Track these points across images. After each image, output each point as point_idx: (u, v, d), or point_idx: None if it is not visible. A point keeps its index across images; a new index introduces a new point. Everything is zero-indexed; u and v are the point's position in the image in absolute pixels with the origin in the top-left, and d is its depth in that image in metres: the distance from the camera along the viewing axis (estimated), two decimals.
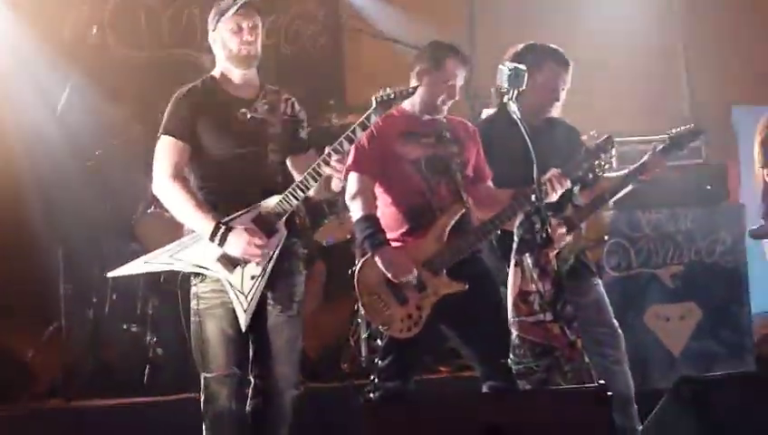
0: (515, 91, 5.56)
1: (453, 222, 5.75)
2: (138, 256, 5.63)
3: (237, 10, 5.52)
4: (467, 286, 5.70)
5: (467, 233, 5.79)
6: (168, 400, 7.17)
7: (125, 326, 7.91)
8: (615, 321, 6.30)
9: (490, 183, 6.04)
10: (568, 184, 5.79)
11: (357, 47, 9.58)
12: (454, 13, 10.21)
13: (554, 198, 5.77)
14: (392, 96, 5.47)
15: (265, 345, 5.53)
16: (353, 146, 5.66)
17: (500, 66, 5.66)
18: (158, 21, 9.70)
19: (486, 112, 6.37)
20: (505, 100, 5.59)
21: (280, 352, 5.53)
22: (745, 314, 7.84)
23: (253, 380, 5.60)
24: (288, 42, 10.07)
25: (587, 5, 9.87)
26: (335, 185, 5.54)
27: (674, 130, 6.36)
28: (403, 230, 5.81)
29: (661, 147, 6.31)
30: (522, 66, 5.61)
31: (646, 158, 6.29)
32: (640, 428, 6.04)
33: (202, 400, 5.57)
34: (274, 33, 10.06)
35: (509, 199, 5.77)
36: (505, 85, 5.58)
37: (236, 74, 5.62)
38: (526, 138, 5.42)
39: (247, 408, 5.59)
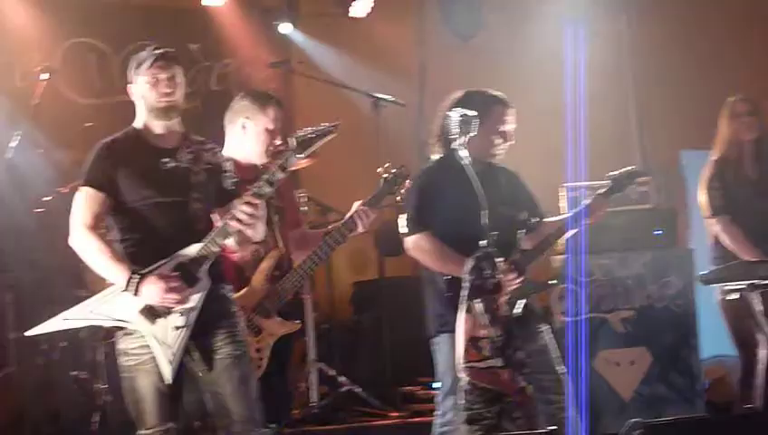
0: (465, 137, 5.60)
1: (273, 266, 6.06)
2: None
3: (153, 63, 5.48)
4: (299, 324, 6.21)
5: (289, 274, 6.13)
6: None
7: (74, 373, 7.85)
8: (562, 367, 6.27)
9: (304, 227, 6.70)
10: (373, 215, 6.13)
11: (307, 92, 9.63)
12: (404, 60, 10.29)
13: (360, 230, 6.15)
14: (312, 135, 5.42)
15: (219, 393, 5.45)
16: None
17: (448, 113, 5.71)
18: (110, 66, 9.69)
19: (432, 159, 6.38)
20: (454, 145, 5.63)
21: (235, 395, 5.43)
22: (695, 358, 7.86)
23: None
24: (238, 86, 10.08)
25: (537, 54, 9.90)
26: (250, 233, 5.43)
27: (614, 173, 6.41)
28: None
29: (603, 190, 6.36)
30: (471, 112, 5.64)
31: (588, 201, 6.33)
32: None
33: None
34: (226, 78, 10.10)
35: (320, 240, 6.20)
36: (455, 131, 5.61)
37: (157, 125, 5.54)
38: (475, 182, 5.46)
39: None
